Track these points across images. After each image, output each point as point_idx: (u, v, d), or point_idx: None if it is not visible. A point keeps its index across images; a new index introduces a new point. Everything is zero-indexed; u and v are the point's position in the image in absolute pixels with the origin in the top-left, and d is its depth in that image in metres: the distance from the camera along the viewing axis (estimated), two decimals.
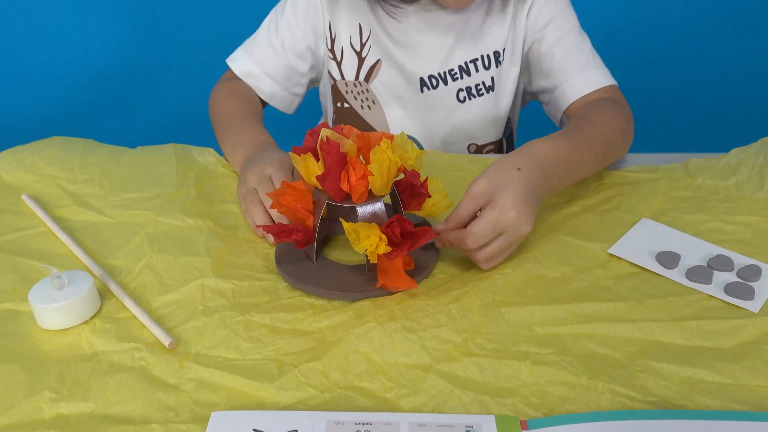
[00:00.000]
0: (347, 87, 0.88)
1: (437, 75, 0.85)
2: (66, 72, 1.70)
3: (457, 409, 0.45)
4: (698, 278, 0.57)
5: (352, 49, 0.85)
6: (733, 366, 0.48)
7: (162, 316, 0.55)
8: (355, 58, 0.86)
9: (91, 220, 0.69)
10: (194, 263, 0.61)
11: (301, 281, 0.57)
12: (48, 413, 0.46)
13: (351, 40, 0.85)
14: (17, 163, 0.78)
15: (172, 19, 1.66)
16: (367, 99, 0.88)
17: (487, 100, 0.86)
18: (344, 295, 0.56)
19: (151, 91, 1.74)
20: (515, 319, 0.53)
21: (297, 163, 0.56)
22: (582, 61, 0.81)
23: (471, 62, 0.84)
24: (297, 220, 0.59)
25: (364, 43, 0.85)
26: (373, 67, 0.86)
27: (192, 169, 0.77)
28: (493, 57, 0.84)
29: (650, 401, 0.46)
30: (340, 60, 0.86)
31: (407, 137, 0.57)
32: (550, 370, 0.48)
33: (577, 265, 0.60)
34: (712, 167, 0.75)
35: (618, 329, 0.52)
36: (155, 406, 0.46)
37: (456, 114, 0.87)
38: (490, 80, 0.85)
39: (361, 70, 0.86)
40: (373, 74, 0.86)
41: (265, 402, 0.46)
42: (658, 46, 1.64)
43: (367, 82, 0.87)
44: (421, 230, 0.54)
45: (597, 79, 0.80)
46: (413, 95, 0.86)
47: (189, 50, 1.67)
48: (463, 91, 0.86)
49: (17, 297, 0.57)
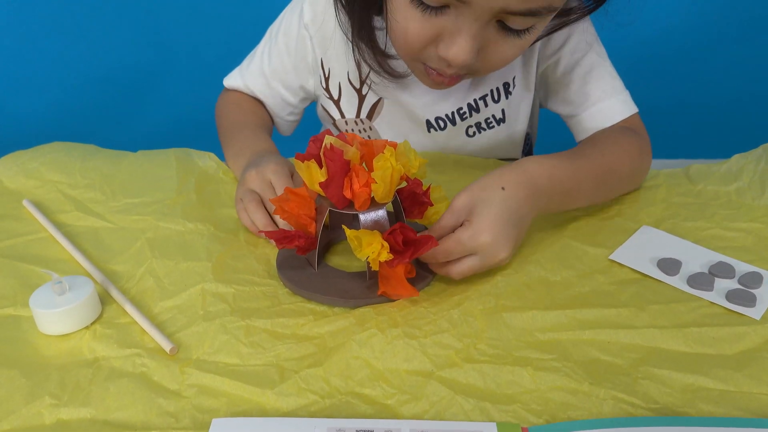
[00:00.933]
0: (347, 126, 0.85)
1: (444, 117, 0.81)
2: (67, 76, 1.70)
3: (458, 416, 0.45)
4: (700, 285, 0.57)
5: (351, 87, 0.81)
6: (736, 373, 0.48)
7: (163, 322, 0.54)
8: (354, 96, 0.82)
9: (92, 225, 0.69)
10: (195, 268, 0.61)
11: (301, 287, 0.57)
12: (48, 419, 0.46)
13: (349, 77, 0.80)
14: (18, 169, 0.78)
15: (174, 24, 1.67)
16: (370, 136, 0.84)
17: (498, 131, 0.83)
18: (345, 301, 0.56)
19: (152, 95, 1.74)
20: (517, 324, 0.53)
21: (300, 169, 0.56)
22: (600, 89, 0.75)
23: (480, 99, 0.80)
24: (299, 226, 0.59)
25: (364, 80, 0.80)
26: (375, 106, 0.82)
27: (192, 173, 0.77)
28: (502, 89, 0.80)
29: (652, 408, 0.46)
30: (338, 99, 0.82)
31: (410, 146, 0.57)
32: (552, 377, 0.48)
33: (579, 269, 0.60)
34: (713, 173, 0.75)
35: (620, 336, 0.52)
36: (156, 412, 0.46)
37: (466, 148, 0.84)
38: (501, 113, 0.81)
39: (362, 107, 0.82)
40: (376, 112, 0.82)
41: (266, 408, 0.46)
42: (659, 50, 1.65)
43: (370, 120, 0.83)
44: (423, 238, 0.54)
45: (615, 109, 0.75)
46: (420, 134, 0.83)
47: (191, 55, 1.68)
48: (473, 127, 0.82)
49: (18, 302, 0.57)
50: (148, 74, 1.72)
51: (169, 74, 1.72)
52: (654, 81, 1.66)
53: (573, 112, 0.77)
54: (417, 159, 0.57)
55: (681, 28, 1.63)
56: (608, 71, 0.76)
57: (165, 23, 1.67)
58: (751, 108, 1.68)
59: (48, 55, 1.68)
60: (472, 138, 0.83)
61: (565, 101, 0.78)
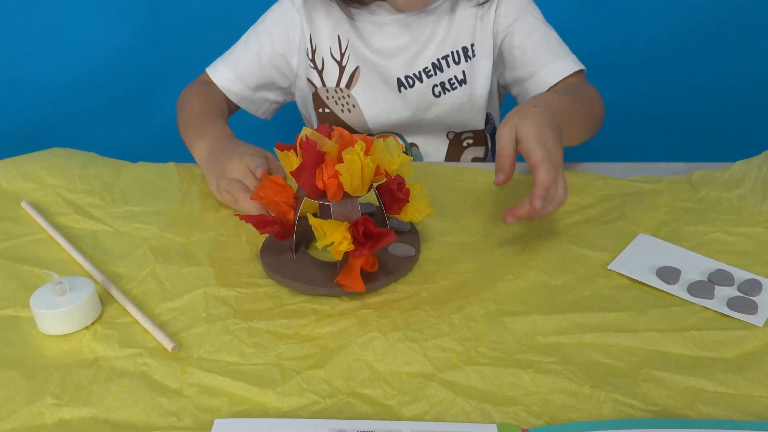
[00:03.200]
0: (328, 93, 0.93)
1: (412, 75, 0.90)
2: (65, 80, 1.70)
3: (459, 418, 0.45)
4: (700, 293, 0.57)
5: (333, 59, 0.91)
6: (736, 376, 0.48)
7: (164, 322, 0.54)
8: (336, 67, 0.91)
9: (92, 228, 0.69)
10: (197, 273, 0.61)
11: (274, 272, 0.59)
12: (50, 419, 0.46)
13: (331, 51, 0.90)
14: (17, 172, 0.78)
15: (174, 28, 1.67)
16: (348, 103, 0.92)
17: (461, 92, 0.91)
18: (308, 288, 0.57)
19: (150, 100, 1.73)
20: (518, 328, 0.53)
21: (281, 158, 0.58)
22: (552, 51, 0.87)
23: (442, 59, 0.90)
24: (279, 213, 0.61)
25: (344, 52, 0.90)
26: (353, 75, 0.91)
27: (194, 182, 0.77)
28: (461, 52, 0.90)
29: (652, 410, 0.46)
30: (321, 69, 0.91)
31: (396, 142, 0.58)
32: (553, 379, 0.48)
33: (580, 273, 0.60)
34: (716, 179, 0.75)
35: (620, 339, 0.52)
36: (157, 412, 0.46)
37: (433, 109, 0.92)
38: (462, 74, 0.90)
39: (342, 77, 0.91)
40: (354, 81, 0.91)
41: (267, 408, 0.46)
42: (659, 54, 1.65)
43: (348, 88, 0.92)
44: (384, 231, 0.55)
45: (569, 65, 0.86)
46: (392, 96, 0.91)
47: (190, 59, 1.67)
48: (438, 87, 0.91)
49: (18, 303, 0.57)
50: (148, 78, 1.71)
51: (171, 78, 1.71)
52: (656, 83, 1.67)
53: (531, 71, 0.88)
54: (399, 156, 0.58)
55: (683, 29, 1.63)
56: (557, 38, 0.89)
57: (165, 28, 1.66)
58: (754, 112, 1.68)
59: (46, 58, 1.67)
60: (438, 98, 0.91)
61: (524, 64, 0.88)
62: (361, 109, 0.92)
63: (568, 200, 0.71)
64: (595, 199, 0.72)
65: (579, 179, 0.76)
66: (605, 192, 0.74)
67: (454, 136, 0.95)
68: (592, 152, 0.85)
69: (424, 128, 0.94)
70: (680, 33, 1.63)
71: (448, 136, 0.95)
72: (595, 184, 0.75)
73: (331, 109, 0.93)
